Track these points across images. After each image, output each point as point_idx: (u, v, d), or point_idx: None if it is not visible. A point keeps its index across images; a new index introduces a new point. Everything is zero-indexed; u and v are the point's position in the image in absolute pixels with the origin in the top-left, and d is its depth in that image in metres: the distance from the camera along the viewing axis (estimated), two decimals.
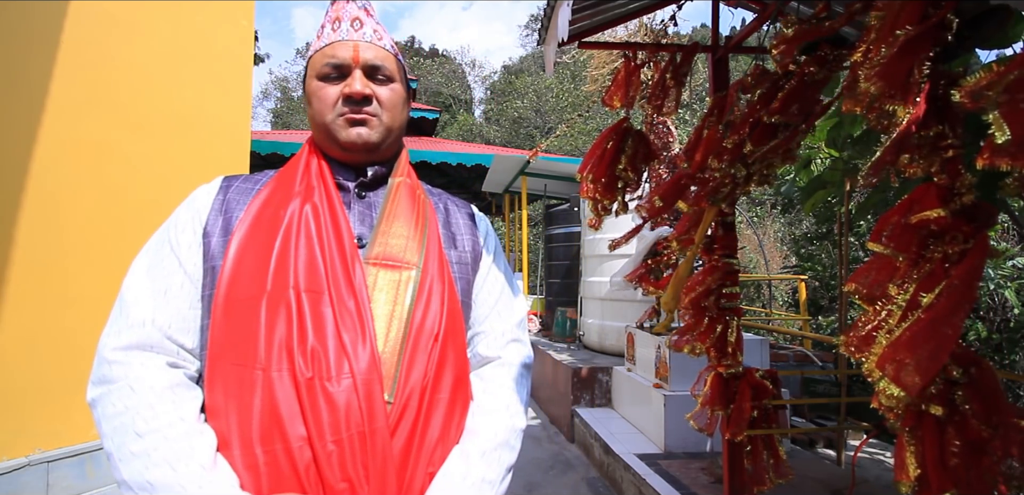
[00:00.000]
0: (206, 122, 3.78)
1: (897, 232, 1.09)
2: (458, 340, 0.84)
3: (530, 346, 0.97)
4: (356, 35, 0.84)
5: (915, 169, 1.09)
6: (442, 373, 0.78)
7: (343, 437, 0.68)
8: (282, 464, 0.67)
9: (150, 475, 0.64)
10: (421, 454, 0.74)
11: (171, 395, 0.70)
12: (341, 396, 0.69)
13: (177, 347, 0.75)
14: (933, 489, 1.00)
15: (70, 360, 2.91)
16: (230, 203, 0.81)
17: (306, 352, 0.70)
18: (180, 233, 0.79)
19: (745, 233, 11.39)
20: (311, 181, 0.82)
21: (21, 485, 2.65)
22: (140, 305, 0.74)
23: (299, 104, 33.43)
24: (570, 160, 8.41)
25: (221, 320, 0.72)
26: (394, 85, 0.86)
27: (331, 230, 0.77)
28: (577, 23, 2.44)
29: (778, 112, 1.60)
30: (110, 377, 0.71)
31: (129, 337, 0.72)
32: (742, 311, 2.29)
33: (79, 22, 3.02)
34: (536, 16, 24.78)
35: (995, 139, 0.84)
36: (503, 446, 0.82)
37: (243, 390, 0.69)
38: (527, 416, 0.89)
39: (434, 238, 0.86)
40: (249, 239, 0.76)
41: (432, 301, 0.80)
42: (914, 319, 0.99)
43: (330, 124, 0.82)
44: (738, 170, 1.81)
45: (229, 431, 0.69)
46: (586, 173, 2.49)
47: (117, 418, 0.68)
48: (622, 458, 3.28)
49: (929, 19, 1.00)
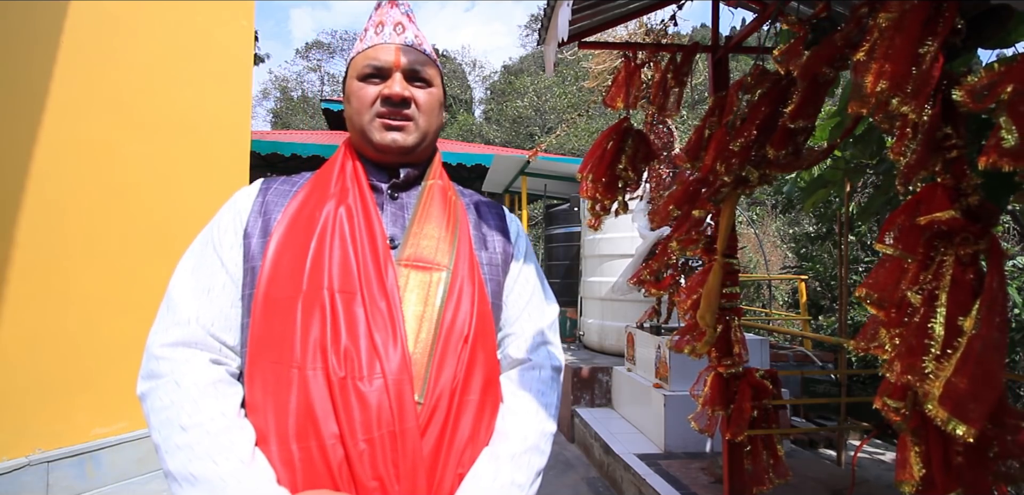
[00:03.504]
0: (206, 122, 3.78)
1: (904, 233, 1.09)
2: (488, 342, 0.84)
3: (561, 350, 0.96)
4: (399, 39, 0.87)
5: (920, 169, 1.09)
6: (472, 374, 0.79)
7: (374, 436, 0.69)
8: (316, 461, 0.69)
9: (193, 467, 0.67)
10: (451, 455, 0.75)
11: (213, 391, 0.73)
12: (373, 396, 0.70)
13: (220, 344, 0.77)
14: (937, 490, 1.00)
15: (71, 360, 2.91)
16: (269, 205, 0.84)
17: (339, 352, 0.71)
18: (222, 234, 0.82)
19: (745, 233, 11.39)
20: (346, 183, 0.83)
21: (21, 485, 2.65)
22: (185, 303, 0.77)
23: (299, 104, 33.43)
24: (570, 160, 8.41)
25: (260, 319, 0.75)
26: (432, 89, 0.88)
27: (364, 231, 0.79)
28: (577, 23, 2.44)
29: (799, 116, 1.59)
30: (157, 372, 0.74)
31: (175, 334, 0.75)
32: (742, 311, 2.28)
33: (79, 22, 3.02)
34: (536, 16, 24.77)
35: (1003, 142, 0.83)
36: (533, 450, 0.82)
37: (280, 387, 0.71)
38: (553, 421, 0.88)
39: (465, 239, 0.86)
40: (286, 240, 0.79)
41: (462, 302, 0.80)
42: (964, 346, 0.96)
43: (366, 125, 0.84)
44: (750, 172, 1.80)
45: (267, 427, 0.71)
46: (586, 173, 2.49)
47: (164, 411, 0.71)
48: (622, 458, 3.28)
49: (936, 24, 1.00)
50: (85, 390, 2.98)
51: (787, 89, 1.70)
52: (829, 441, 4.18)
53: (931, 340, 1.01)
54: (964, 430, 0.94)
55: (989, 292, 0.96)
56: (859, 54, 1.09)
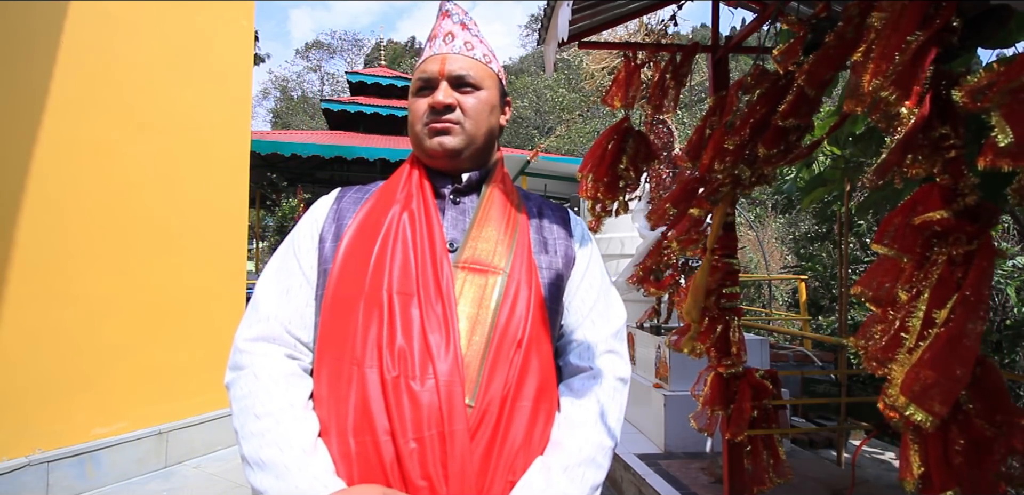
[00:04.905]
0: (206, 122, 3.78)
1: (900, 233, 1.09)
2: (543, 347, 0.83)
3: (627, 359, 0.93)
4: (446, 48, 0.90)
5: (917, 170, 1.09)
6: (525, 380, 0.78)
7: (425, 436, 0.70)
8: (371, 456, 0.71)
9: (263, 453, 0.72)
10: (501, 461, 0.74)
11: (286, 383, 0.77)
12: (424, 396, 0.72)
13: (295, 341, 0.83)
14: (936, 488, 1.00)
15: (71, 360, 2.91)
16: (342, 211, 0.89)
17: (394, 351, 0.74)
18: (301, 238, 0.88)
19: (745, 233, 11.40)
20: (411, 189, 0.87)
21: (21, 485, 2.65)
22: (267, 302, 0.84)
23: (299, 104, 33.45)
24: (570, 160, 8.41)
25: (327, 317, 0.80)
26: (480, 93, 0.89)
27: (425, 235, 0.82)
28: (577, 23, 2.44)
29: (790, 115, 1.59)
30: (240, 364, 0.80)
31: (257, 330, 0.82)
32: (742, 311, 2.28)
33: (79, 22, 3.02)
34: (536, 16, 24.78)
35: (998, 142, 0.83)
36: (588, 463, 0.79)
37: (341, 383, 0.75)
38: (613, 434, 0.85)
39: (524, 243, 0.87)
40: (354, 244, 0.83)
41: (517, 306, 0.80)
42: (932, 338, 0.97)
43: (419, 134, 0.88)
44: (742, 171, 1.80)
45: (329, 420, 0.75)
46: (587, 173, 2.49)
47: (243, 400, 0.77)
48: (622, 458, 3.29)
49: (933, 20, 1.00)
50: (85, 390, 2.98)
51: (785, 89, 1.71)
52: (829, 441, 4.18)
53: (907, 333, 1.01)
54: (922, 417, 0.96)
55: (967, 288, 0.97)
56: (857, 54, 1.09)
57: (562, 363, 0.90)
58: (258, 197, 11.72)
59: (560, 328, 0.90)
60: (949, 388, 0.94)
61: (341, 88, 31.82)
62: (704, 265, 2.03)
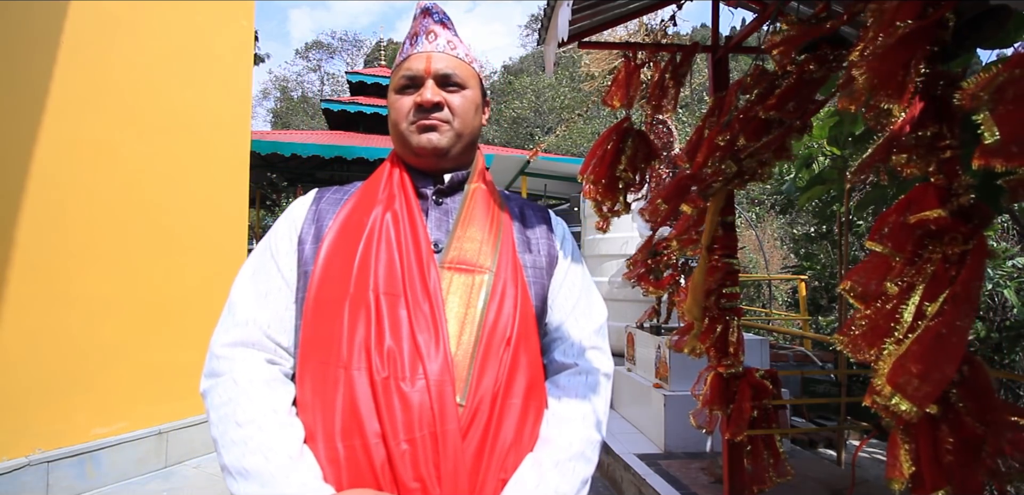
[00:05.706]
0: (206, 122, 3.78)
1: (895, 231, 1.09)
2: (531, 344, 0.83)
3: (610, 354, 0.94)
4: (430, 47, 0.89)
5: (912, 169, 1.09)
6: (514, 377, 0.79)
7: (416, 437, 0.70)
8: (360, 460, 0.70)
9: (247, 462, 0.70)
10: (493, 459, 0.75)
11: (267, 388, 0.76)
12: (415, 396, 0.71)
13: (275, 345, 0.81)
14: (927, 487, 1.01)
15: (71, 360, 2.92)
16: (321, 213, 0.87)
17: (383, 352, 0.73)
18: (279, 241, 0.87)
19: (745, 233, 11.39)
20: (393, 189, 0.86)
21: (21, 485, 2.65)
22: (244, 306, 0.81)
23: (299, 104, 33.45)
24: (570, 160, 8.41)
25: (310, 320, 0.78)
26: (466, 92, 0.89)
27: (409, 235, 0.81)
28: (577, 23, 2.44)
29: (774, 108, 1.60)
30: (218, 371, 0.78)
31: (234, 335, 0.79)
32: (742, 311, 2.29)
33: (79, 22, 3.02)
34: (536, 16, 24.77)
35: (985, 140, 0.84)
36: (578, 457, 0.80)
37: (327, 387, 0.73)
38: (600, 428, 0.86)
39: (508, 242, 0.87)
40: (336, 245, 0.82)
41: (504, 305, 0.81)
42: (921, 331, 0.98)
43: (404, 131, 0.87)
44: (728, 166, 1.81)
45: (315, 425, 0.73)
46: (587, 175, 2.49)
47: (222, 408, 0.74)
48: (622, 458, 3.29)
49: (927, 17, 1.00)
50: (85, 390, 2.98)
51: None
52: (829, 441, 4.18)
53: (897, 324, 1.02)
54: (907, 407, 0.96)
55: (959, 285, 0.97)
56: (854, 54, 1.09)
57: (547, 361, 0.90)
58: (258, 197, 11.73)
59: (544, 326, 0.90)
60: (935, 381, 0.95)
61: (341, 88, 31.83)
62: (701, 264, 2.04)
